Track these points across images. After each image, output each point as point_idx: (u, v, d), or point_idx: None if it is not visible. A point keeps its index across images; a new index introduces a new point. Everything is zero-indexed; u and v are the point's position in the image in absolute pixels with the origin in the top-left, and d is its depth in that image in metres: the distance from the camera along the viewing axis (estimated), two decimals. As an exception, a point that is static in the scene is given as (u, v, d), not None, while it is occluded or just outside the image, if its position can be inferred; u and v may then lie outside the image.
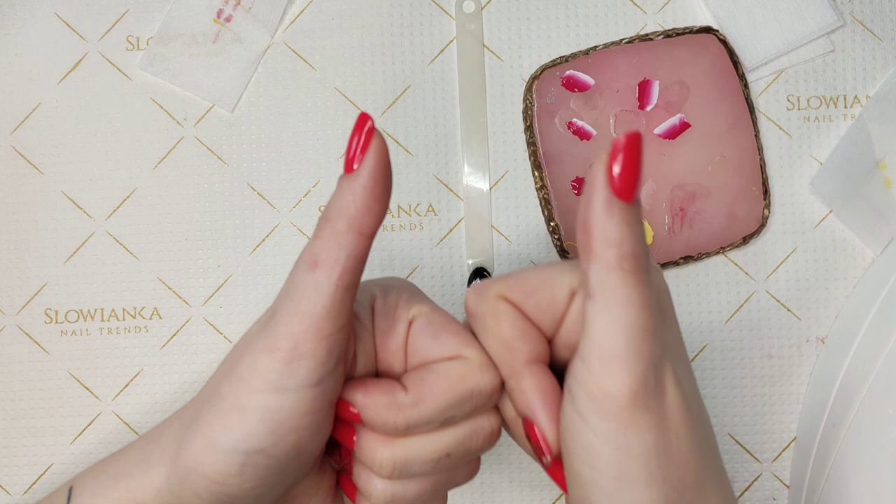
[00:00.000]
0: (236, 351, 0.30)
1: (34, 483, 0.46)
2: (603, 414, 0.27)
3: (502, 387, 0.32)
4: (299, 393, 0.29)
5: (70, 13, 0.48)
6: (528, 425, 0.30)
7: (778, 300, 0.47)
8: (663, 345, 0.28)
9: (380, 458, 0.31)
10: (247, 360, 0.29)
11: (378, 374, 0.33)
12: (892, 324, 0.43)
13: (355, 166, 0.29)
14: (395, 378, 0.32)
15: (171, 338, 0.47)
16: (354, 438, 0.32)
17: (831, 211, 0.48)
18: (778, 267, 0.47)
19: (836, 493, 0.42)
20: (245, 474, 0.29)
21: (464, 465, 0.33)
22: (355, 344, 0.32)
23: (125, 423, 0.47)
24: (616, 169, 0.27)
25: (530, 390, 0.30)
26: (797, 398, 0.47)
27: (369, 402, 0.31)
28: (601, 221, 0.27)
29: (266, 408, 0.28)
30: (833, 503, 0.43)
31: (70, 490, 0.32)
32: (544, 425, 0.30)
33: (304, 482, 0.33)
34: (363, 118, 0.29)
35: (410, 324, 0.32)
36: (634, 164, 0.27)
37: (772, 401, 0.47)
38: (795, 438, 0.47)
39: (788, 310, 0.47)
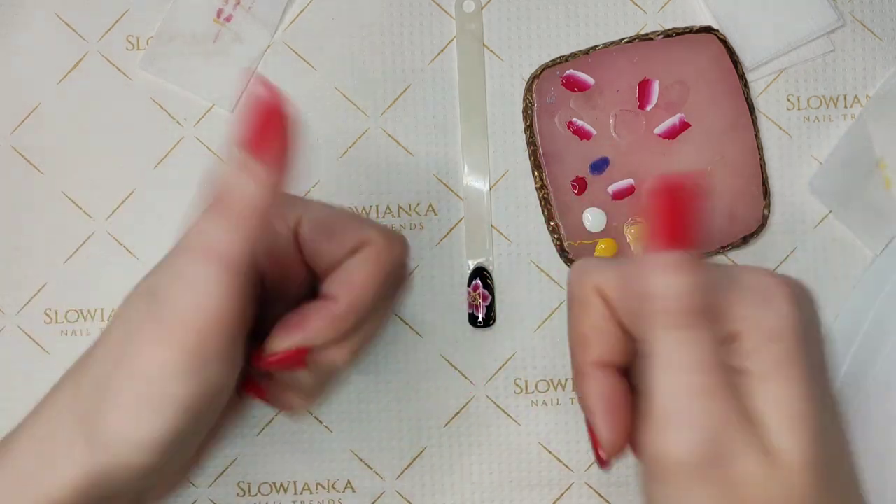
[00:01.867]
0: (120, 334, 0.29)
1: None
2: (656, 473, 0.26)
3: (408, 250, 0.32)
4: (206, 376, 0.28)
5: (70, 13, 0.48)
6: (589, 429, 0.30)
7: (778, 300, 0.47)
8: (728, 411, 0.25)
9: (340, 360, 0.31)
10: (144, 354, 0.28)
11: (274, 290, 0.32)
12: (892, 324, 0.43)
13: (263, 155, 0.27)
14: (299, 282, 0.31)
15: (171, 338, 0.47)
16: (307, 360, 0.31)
17: (831, 211, 0.48)
18: (778, 267, 0.47)
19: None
20: (165, 456, 0.28)
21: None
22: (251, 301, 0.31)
23: (125, 423, 0.47)
24: (654, 220, 0.25)
25: (591, 394, 0.29)
26: (797, 398, 0.47)
27: (310, 332, 0.30)
28: (645, 275, 0.25)
29: (169, 395, 0.27)
30: (833, 503, 0.43)
31: None
32: (601, 432, 0.29)
33: None
34: (265, 87, 0.27)
35: (297, 232, 0.31)
36: (672, 212, 0.25)
37: (772, 401, 0.47)
38: (795, 438, 0.47)
39: (788, 310, 0.47)
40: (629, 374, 0.30)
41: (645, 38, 0.47)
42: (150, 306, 0.28)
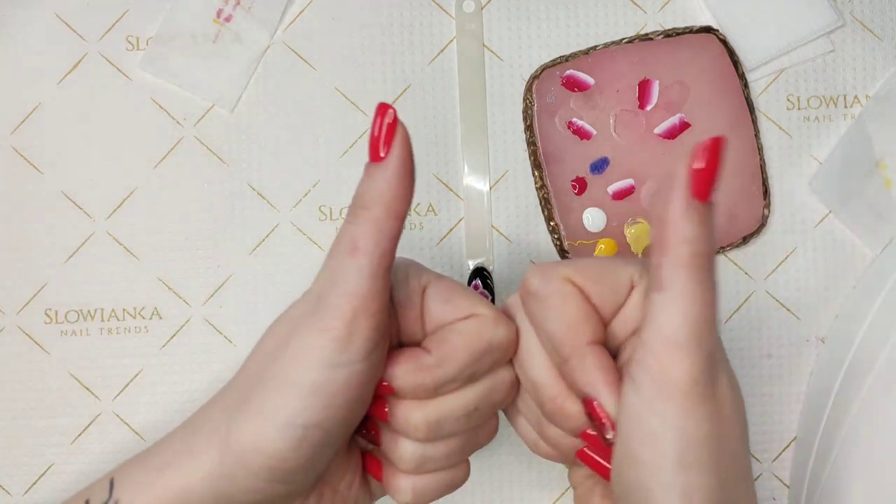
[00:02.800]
0: (281, 336, 0.32)
1: (34, 483, 0.46)
2: (666, 398, 0.29)
3: (515, 342, 0.34)
4: (352, 367, 0.30)
5: (70, 13, 0.48)
6: (589, 403, 0.32)
7: (777, 300, 0.47)
8: (717, 341, 0.30)
9: (415, 420, 0.33)
10: (298, 341, 0.31)
11: (401, 345, 0.35)
12: (892, 324, 0.43)
13: (382, 154, 0.31)
14: (416, 346, 0.34)
15: (171, 338, 0.47)
16: (386, 409, 0.33)
17: (831, 211, 0.48)
18: (777, 267, 0.48)
19: (836, 492, 0.42)
20: (302, 448, 0.30)
21: (486, 423, 0.35)
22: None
23: (125, 423, 0.47)
24: (696, 168, 0.28)
25: (593, 368, 0.32)
26: (797, 398, 0.47)
27: (398, 370, 0.33)
28: (678, 219, 0.28)
29: (322, 383, 0.30)
30: (833, 503, 0.43)
31: (111, 482, 0.33)
32: (606, 401, 0.31)
33: (334, 464, 0.34)
34: (384, 106, 0.31)
35: (423, 292, 0.34)
36: (714, 166, 0.28)
37: (771, 401, 0.47)
38: (795, 438, 0.47)
39: (788, 310, 0.47)
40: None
41: (645, 38, 0.47)
42: (311, 304, 0.31)
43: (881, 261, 0.47)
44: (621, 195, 0.47)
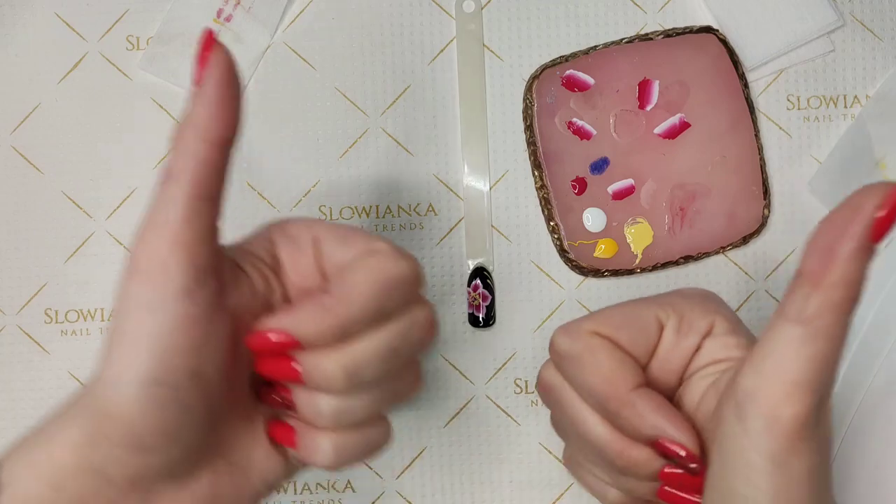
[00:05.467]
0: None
1: None
2: (773, 434, 0.28)
3: (421, 276, 0.32)
4: (171, 308, 0.28)
5: (70, 13, 0.48)
6: (660, 445, 0.31)
7: (778, 300, 0.47)
8: None
9: (329, 369, 0.30)
10: (119, 294, 0.29)
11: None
12: (892, 324, 0.43)
13: (197, 80, 0.29)
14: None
15: (171, 338, 0.47)
16: (295, 366, 0.30)
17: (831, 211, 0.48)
18: (778, 267, 0.47)
19: (837, 492, 0.42)
20: (148, 409, 0.28)
21: (407, 371, 0.33)
22: (246, 272, 0.31)
23: (125, 423, 0.47)
24: (881, 215, 0.26)
25: (649, 411, 0.31)
26: (797, 398, 0.47)
27: (298, 317, 0.30)
28: (847, 259, 0.27)
29: (141, 331, 0.28)
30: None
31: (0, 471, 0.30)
32: (682, 436, 0.31)
33: (224, 433, 0.32)
34: (207, 34, 0.29)
35: (316, 241, 0.32)
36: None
37: (772, 401, 0.47)
38: (795, 438, 0.47)
39: (788, 310, 0.47)
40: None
41: (645, 38, 0.47)
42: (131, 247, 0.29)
43: (881, 261, 0.47)
44: (621, 195, 0.47)
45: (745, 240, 0.47)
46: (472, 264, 0.47)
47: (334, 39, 0.48)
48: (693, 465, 0.31)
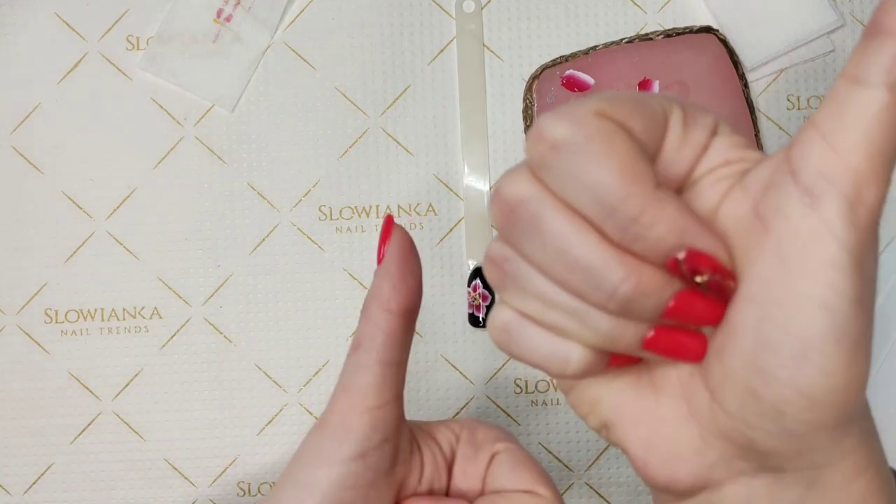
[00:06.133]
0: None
1: (34, 483, 0.46)
2: (857, 220, 0.23)
3: None
4: (344, 466, 0.30)
5: (70, 13, 0.48)
6: (693, 258, 0.24)
7: (778, 300, 0.47)
8: None
9: None
10: (305, 441, 0.31)
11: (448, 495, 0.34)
12: (892, 324, 0.43)
13: (380, 257, 0.31)
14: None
15: (171, 338, 0.47)
16: None
17: (831, 211, 0.48)
18: (778, 267, 0.48)
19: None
20: None
21: None
22: (421, 452, 0.33)
23: (125, 423, 0.47)
24: None
25: (680, 212, 0.24)
26: (797, 398, 0.47)
27: None
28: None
29: (314, 481, 0.30)
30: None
31: None
32: (716, 245, 0.25)
33: None
34: (387, 218, 0.32)
35: (493, 456, 0.34)
36: None
37: (772, 401, 0.47)
38: (795, 438, 0.47)
39: (788, 310, 0.47)
40: None
41: (645, 38, 0.47)
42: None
43: (881, 261, 0.47)
44: (621, 195, 0.47)
45: (745, 240, 0.47)
46: (472, 264, 0.47)
47: (334, 39, 0.48)
48: (731, 282, 0.25)
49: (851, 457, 0.26)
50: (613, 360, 0.28)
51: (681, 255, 0.24)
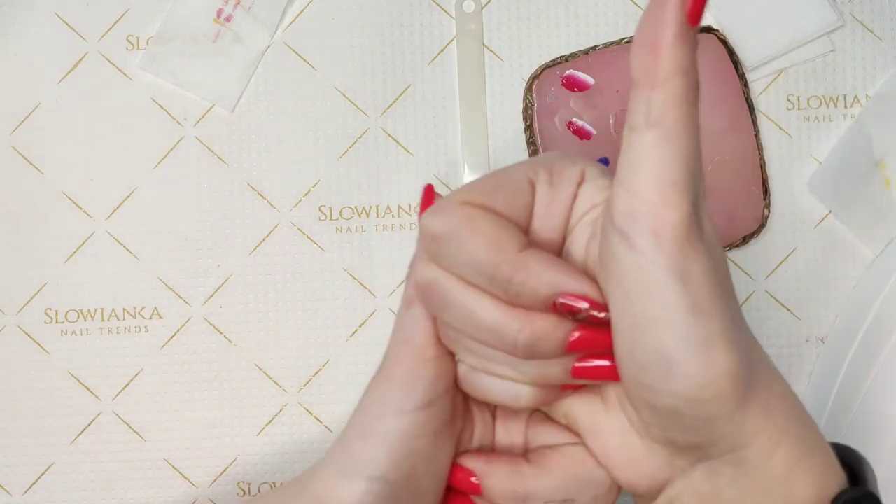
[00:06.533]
0: (360, 400, 0.33)
1: (34, 483, 0.46)
2: (664, 245, 0.27)
3: (618, 489, 0.33)
4: (415, 415, 0.31)
5: (70, 13, 0.48)
6: (565, 297, 0.29)
7: (777, 300, 0.47)
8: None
9: None
10: (369, 394, 0.32)
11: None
12: (892, 324, 0.43)
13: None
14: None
15: (171, 338, 0.47)
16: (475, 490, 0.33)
17: (831, 211, 0.48)
18: (778, 267, 0.48)
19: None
20: (365, 502, 0.31)
21: None
22: (471, 409, 0.34)
23: (125, 422, 0.47)
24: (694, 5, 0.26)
25: (545, 267, 0.29)
26: (797, 398, 0.47)
27: (491, 468, 0.32)
28: (672, 46, 0.26)
29: (386, 431, 0.31)
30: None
31: None
32: (582, 286, 0.29)
33: None
34: (427, 188, 0.33)
35: (531, 421, 0.34)
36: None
37: (772, 401, 0.47)
38: (795, 438, 0.47)
39: (788, 310, 0.47)
40: None
41: (645, 38, 0.47)
42: (381, 364, 0.33)
43: (881, 261, 0.47)
44: (621, 195, 0.46)
45: (745, 240, 0.47)
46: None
47: (334, 39, 0.48)
48: (602, 314, 0.29)
49: (762, 434, 0.29)
50: (564, 388, 0.32)
51: (558, 301, 0.29)
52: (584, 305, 0.29)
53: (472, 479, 0.32)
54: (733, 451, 0.29)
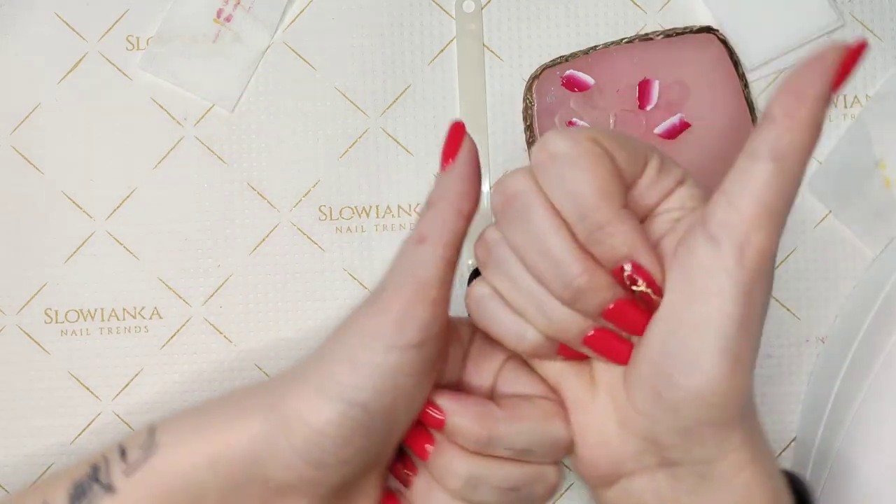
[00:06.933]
0: (344, 323, 0.33)
1: (34, 483, 0.46)
2: (745, 261, 0.29)
3: (572, 447, 0.34)
4: (405, 352, 0.31)
5: (70, 13, 0.48)
6: (635, 267, 0.31)
7: (777, 300, 0.47)
8: None
9: (455, 468, 0.33)
10: (360, 322, 0.32)
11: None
12: (892, 324, 0.43)
13: (451, 161, 0.33)
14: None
15: (171, 338, 0.47)
16: (427, 447, 0.34)
17: (831, 211, 0.48)
18: (778, 267, 0.47)
19: (836, 492, 0.42)
20: (343, 425, 0.31)
21: None
22: (452, 346, 0.35)
23: (125, 422, 0.47)
24: (842, 63, 0.29)
25: (633, 230, 0.31)
26: (797, 398, 0.47)
27: (461, 407, 0.33)
28: (815, 102, 0.29)
29: (375, 363, 0.31)
30: (833, 503, 0.43)
31: (151, 428, 0.34)
32: (653, 264, 0.31)
33: (355, 489, 0.34)
34: (456, 125, 0.33)
35: (507, 359, 0.35)
36: (853, 67, 0.30)
37: (771, 401, 0.47)
38: (795, 438, 0.47)
39: (788, 310, 0.47)
40: None
41: (645, 37, 0.47)
42: (376, 292, 0.33)
43: (881, 261, 0.47)
44: (621, 195, 0.46)
45: (745, 240, 0.47)
46: (471, 264, 0.47)
47: (334, 39, 0.48)
48: (655, 297, 0.31)
49: (736, 453, 0.31)
50: (562, 351, 0.33)
51: (627, 266, 0.31)
52: (644, 281, 0.31)
53: (437, 414, 0.33)
54: (704, 464, 0.31)
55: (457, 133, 0.33)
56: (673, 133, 0.47)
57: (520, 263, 0.32)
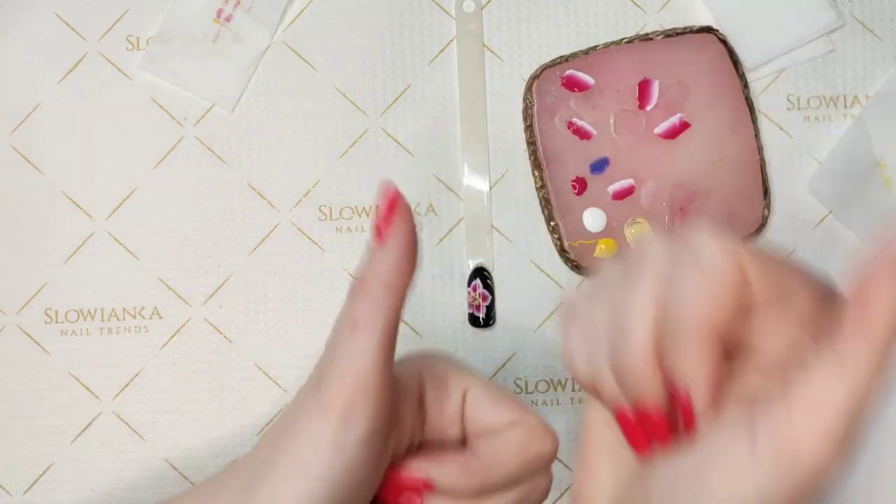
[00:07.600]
0: (289, 415, 0.32)
1: (34, 483, 0.46)
2: (778, 473, 0.25)
3: (557, 452, 0.34)
4: (354, 449, 0.30)
5: (70, 13, 0.48)
6: (684, 396, 0.27)
7: (778, 300, 0.47)
8: None
9: None
10: (302, 423, 0.31)
11: (422, 445, 0.35)
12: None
13: (382, 240, 0.31)
14: (449, 445, 0.34)
15: (171, 338, 0.47)
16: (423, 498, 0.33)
17: (831, 211, 0.48)
18: (778, 267, 0.47)
19: (836, 493, 0.42)
20: None
21: None
22: (403, 410, 0.33)
23: (125, 422, 0.47)
24: None
25: (706, 363, 0.27)
26: (797, 398, 0.47)
27: (444, 470, 0.32)
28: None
29: (324, 467, 0.30)
30: (832, 503, 0.43)
31: None
32: (700, 400, 0.27)
33: None
34: (392, 194, 0.31)
35: (466, 394, 0.34)
36: None
37: (772, 401, 0.47)
38: (795, 438, 0.47)
39: (788, 310, 0.47)
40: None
41: (645, 38, 0.47)
42: (314, 382, 0.31)
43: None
44: (621, 195, 0.47)
45: (745, 240, 0.47)
46: (472, 264, 0.47)
47: (334, 39, 0.48)
48: (687, 432, 0.27)
49: None
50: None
51: (682, 388, 0.27)
52: (690, 418, 0.27)
53: (424, 479, 0.32)
54: None
55: (393, 205, 0.31)
56: (673, 133, 0.47)
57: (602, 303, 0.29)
